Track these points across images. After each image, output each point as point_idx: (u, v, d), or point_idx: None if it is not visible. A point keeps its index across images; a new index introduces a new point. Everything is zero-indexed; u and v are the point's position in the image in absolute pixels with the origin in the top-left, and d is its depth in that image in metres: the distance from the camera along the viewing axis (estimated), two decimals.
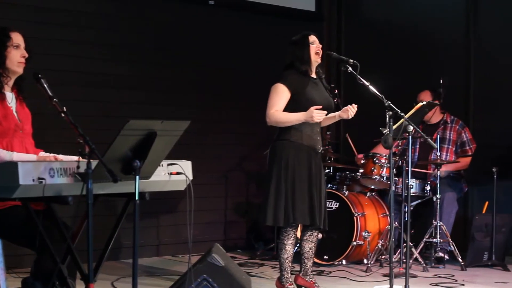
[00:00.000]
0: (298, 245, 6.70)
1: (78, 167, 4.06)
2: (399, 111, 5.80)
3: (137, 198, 4.18)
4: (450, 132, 8.24)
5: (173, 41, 8.38)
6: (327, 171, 8.11)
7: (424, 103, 6.91)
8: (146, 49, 8.17)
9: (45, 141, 5.20)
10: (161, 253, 8.32)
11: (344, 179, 8.08)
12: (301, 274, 6.35)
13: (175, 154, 4.57)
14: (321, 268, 7.51)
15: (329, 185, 8.05)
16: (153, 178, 4.45)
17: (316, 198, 6.08)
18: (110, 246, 4.61)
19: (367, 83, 5.91)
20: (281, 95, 6.07)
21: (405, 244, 7.08)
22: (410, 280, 5.98)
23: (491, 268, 7.72)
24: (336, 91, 8.25)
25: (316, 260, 7.27)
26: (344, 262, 7.71)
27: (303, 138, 6.09)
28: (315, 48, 6.14)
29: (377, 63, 8.83)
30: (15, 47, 4.69)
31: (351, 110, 6.08)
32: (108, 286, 6.48)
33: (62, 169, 4.04)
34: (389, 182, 7.36)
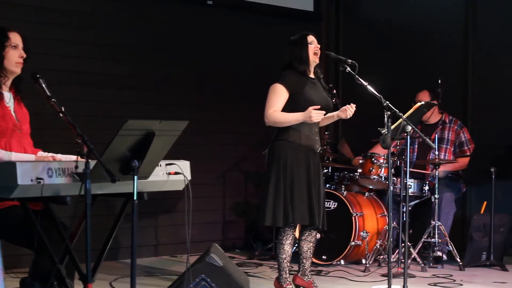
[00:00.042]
0: (296, 245, 6.70)
1: (76, 167, 4.05)
2: (397, 111, 5.81)
3: (135, 198, 4.17)
4: (448, 132, 8.24)
5: (171, 41, 8.38)
6: (325, 171, 8.11)
7: (423, 103, 6.91)
8: (144, 49, 8.17)
9: (44, 141, 5.19)
10: (159, 253, 8.31)
11: (343, 179, 8.09)
12: (299, 274, 6.34)
13: (173, 154, 4.57)
14: (319, 268, 7.51)
15: (328, 185, 8.05)
16: (151, 178, 4.45)
17: (315, 198, 6.08)
18: (108, 246, 4.61)
19: (365, 83, 5.91)
20: (279, 95, 6.07)
21: (403, 244, 7.08)
22: (409, 280, 5.98)
23: (489, 268, 7.71)
24: (335, 91, 8.25)
25: (314, 260, 7.27)
26: (342, 262, 7.71)
27: (302, 138, 6.08)
28: (313, 48, 6.14)
29: (375, 63, 8.83)
30: (13, 47, 4.68)
31: (350, 109, 6.08)
32: (107, 286, 6.48)
33: (60, 169, 4.03)
34: (387, 182, 7.38)
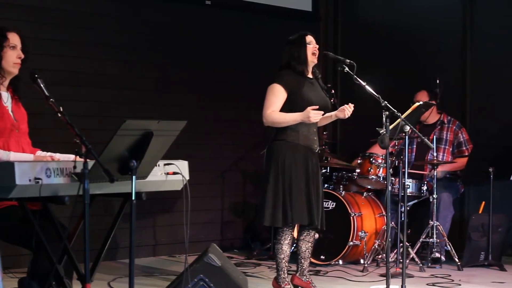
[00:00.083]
0: (294, 245, 6.70)
1: (74, 167, 4.05)
2: (395, 111, 5.81)
3: (133, 198, 4.17)
4: (447, 133, 8.24)
5: (169, 41, 8.38)
6: (323, 171, 8.10)
7: (421, 103, 6.91)
8: (142, 49, 8.16)
9: (42, 141, 5.18)
10: (157, 253, 8.31)
11: (341, 179, 8.08)
12: (297, 274, 6.34)
13: (171, 154, 4.57)
14: (317, 268, 7.50)
15: (326, 185, 8.05)
16: (149, 178, 4.44)
17: (314, 198, 6.07)
18: (106, 246, 4.61)
19: (363, 83, 5.91)
20: (277, 95, 6.06)
21: (401, 244, 7.09)
22: (407, 280, 5.98)
23: (487, 268, 7.71)
24: (333, 91, 8.24)
25: (312, 260, 7.27)
26: (340, 262, 7.71)
27: (300, 138, 6.08)
28: (312, 48, 6.14)
29: (373, 63, 8.83)
30: (11, 48, 4.68)
31: (348, 109, 6.08)
32: (105, 286, 6.48)
33: (58, 169, 4.03)
34: (385, 182, 7.37)
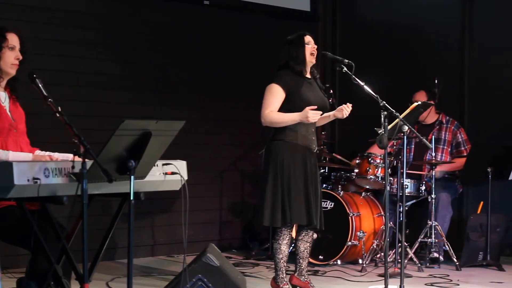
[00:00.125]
0: (293, 245, 6.70)
1: (73, 167, 4.05)
2: (394, 111, 5.81)
3: (132, 198, 4.17)
4: (445, 133, 8.24)
5: (168, 41, 8.37)
6: (322, 171, 8.10)
7: (419, 103, 6.91)
8: (141, 49, 8.16)
9: (40, 141, 5.18)
10: (156, 253, 8.31)
11: (339, 179, 8.08)
12: (296, 274, 6.34)
13: (170, 154, 4.57)
14: (316, 268, 7.50)
15: (324, 185, 8.05)
16: (148, 178, 4.45)
17: (312, 198, 6.07)
18: (105, 246, 4.61)
19: (362, 83, 5.91)
20: (275, 95, 6.06)
21: (400, 244, 7.09)
22: (405, 280, 5.98)
23: (486, 268, 7.71)
24: (331, 91, 8.24)
25: (311, 260, 7.27)
26: (339, 262, 7.71)
27: (298, 138, 6.08)
28: (310, 48, 6.13)
29: (372, 63, 8.83)
30: (10, 49, 4.67)
31: (346, 109, 6.08)
32: (103, 286, 6.47)
33: (57, 169, 4.03)
34: (384, 182, 7.37)
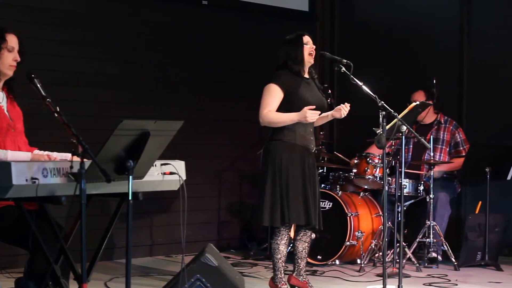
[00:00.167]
0: (291, 245, 6.70)
1: (71, 167, 4.05)
2: (392, 111, 5.81)
3: (130, 198, 4.17)
4: (443, 133, 8.24)
5: (166, 41, 8.37)
6: (320, 171, 8.11)
7: (418, 103, 6.91)
8: (139, 49, 8.15)
9: (39, 141, 5.17)
10: (154, 253, 8.30)
11: (338, 179, 8.08)
12: (294, 274, 6.34)
13: (168, 154, 4.57)
14: (314, 268, 7.50)
15: (323, 185, 8.05)
16: (146, 178, 4.44)
17: (311, 198, 6.07)
18: (103, 246, 4.61)
19: (360, 83, 5.91)
20: (274, 95, 6.06)
21: (398, 244, 7.09)
22: (403, 280, 5.98)
23: (484, 268, 7.72)
24: (330, 91, 8.25)
25: (309, 260, 7.27)
26: (337, 262, 7.71)
27: (297, 138, 6.08)
28: (308, 48, 6.13)
29: (370, 63, 8.83)
30: (8, 50, 4.67)
31: (344, 109, 6.08)
32: (102, 286, 6.47)
33: (55, 169, 4.03)
34: (382, 182, 7.37)
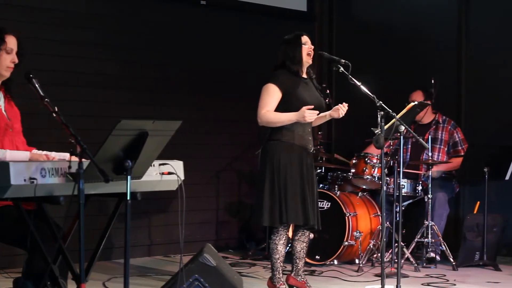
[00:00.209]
0: (289, 245, 6.70)
1: (69, 167, 4.05)
2: (390, 111, 5.81)
3: (128, 198, 4.17)
4: (442, 132, 8.24)
5: (165, 41, 8.37)
6: (318, 171, 8.11)
7: (416, 103, 6.91)
8: (138, 49, 8.15)
9: (37, 141, 5.18)
10: (152, 253, 8.30)
11: (336, 179, 8.08)
12: (292, 274, 6.34)
13: (166, 154, 4.57)
14: (312, 268, 7.50)
15: (321, 185, 8.05)
16: (144, 178, 4.44)
17: (309, 198, 6.07)
18: (101, 246, 4.61)
19: (358, 83, 5.91)
20: (272, 95, 6.06)
21: (396, 244, 7.09)
22: (402, 280, 5.98)
23: (482, 268, 7.72)
24: (328, 91, 8.25)
25: (307, 260, 7.27)
26: (335, 262, 7.71)
27: (295, 138, 6.08)
28: (307, 49, 6.13)
29: (368, 63, 8.83)
30: (7, 52, 4.66)
31: (342, 109, 6.08)
32: (100, 286, 6.47)
33: (53, 169, 4.03)
34: (380, 182, 7.38)
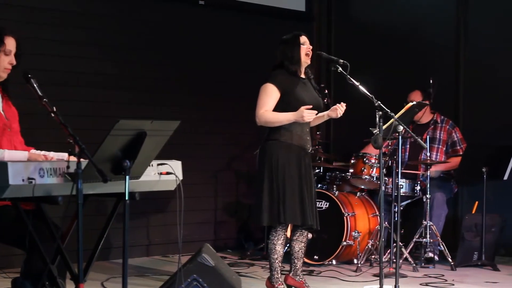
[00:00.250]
0: (288, 245, 6.70)
1: (68, 167, 4.05)
2: (389, 111, 5.81)
3: (127, 198, 4.17)
4: (440, 132, 8.24)
5: (163, 41, 8.37)
6: (317, 171, 8.11)
7: (414, 103, 6.91)
8: (137, 49, 8.15)
9: (35, 141, 5.17)
10: (151, 253, 8.30)
11: (334, 179, 8.08)
12: (291, 274, 6.34)
13: (165, 154, 4.57)
14: (311, 268, 7.50)
15: (319, 185, 8.06)
16: (143, 178, 4.44)
17: (307, 198, 6.07)
18: (100, 246, 4.61)
19: (357, 83, 5.91)
20: (270, 95, 6.06)
21: (395, 244, 7.10)
22: (400, 280, 5.99)
23: (481, 268, 7.72)
24: (326, 91, 8.24)
25: (306, 260, 7.27)
26: (334, 262, 7.71)
27: (293, 138, 6.08)
28: (305, 49, 6.14)
29: (367, 63, 8.82)
30: (5, 53, 4.64)
31: (340, 109, 6.08)
32: (98, 286, 6.47)
33: (52, 169, 4.02)
34: (379, 182, 7.37)
